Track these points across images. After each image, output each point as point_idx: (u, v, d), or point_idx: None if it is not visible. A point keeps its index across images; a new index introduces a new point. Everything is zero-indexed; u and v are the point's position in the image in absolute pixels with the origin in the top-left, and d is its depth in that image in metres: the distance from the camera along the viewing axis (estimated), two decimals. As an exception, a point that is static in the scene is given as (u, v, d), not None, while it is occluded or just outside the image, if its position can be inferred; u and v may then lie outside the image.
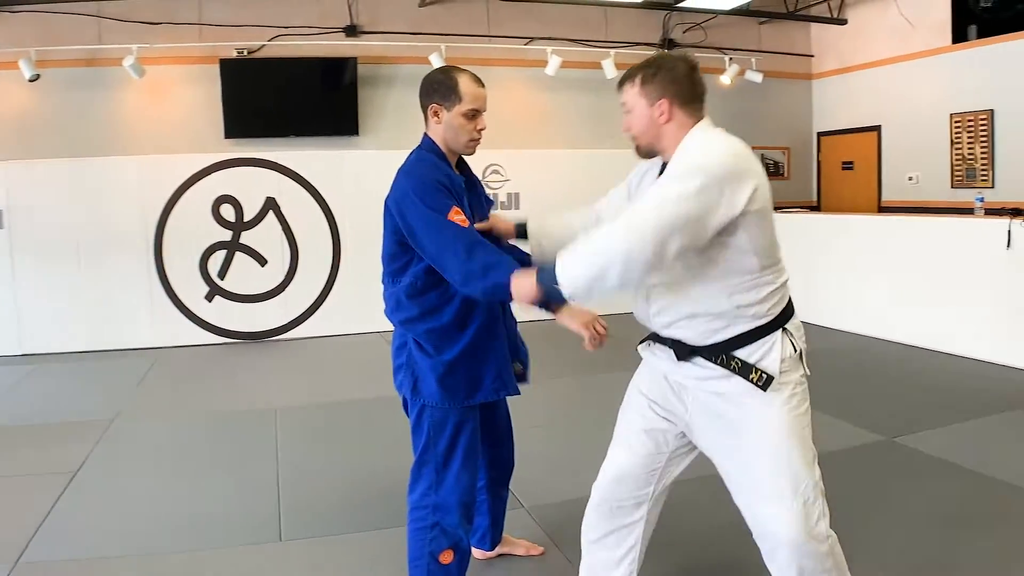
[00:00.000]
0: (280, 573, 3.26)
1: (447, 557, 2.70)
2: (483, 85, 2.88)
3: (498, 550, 3.31)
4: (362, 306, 8.41)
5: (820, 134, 10.97)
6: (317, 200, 8.32)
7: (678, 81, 2.40)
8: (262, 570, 3.29)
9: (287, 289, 8.33)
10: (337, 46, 8.37)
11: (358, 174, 8.40)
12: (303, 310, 8.39)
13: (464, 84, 2.82)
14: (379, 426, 5.21)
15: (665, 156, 2.42)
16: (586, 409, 5.51)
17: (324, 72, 8.33)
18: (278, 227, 8.23)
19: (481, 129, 2.87)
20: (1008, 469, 4.25)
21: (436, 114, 2.82)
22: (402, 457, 4.58)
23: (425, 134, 2.89)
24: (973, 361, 6.82)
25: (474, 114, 2.82)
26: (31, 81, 7.54)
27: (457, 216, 2.58)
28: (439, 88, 2.82)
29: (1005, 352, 6.66)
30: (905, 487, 4.10)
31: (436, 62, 8.27)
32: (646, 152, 2.50)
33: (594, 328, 2.60)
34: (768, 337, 2.31)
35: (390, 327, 2.96)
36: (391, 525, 3.63)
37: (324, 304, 8.46)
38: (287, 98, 8.24)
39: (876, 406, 5.56)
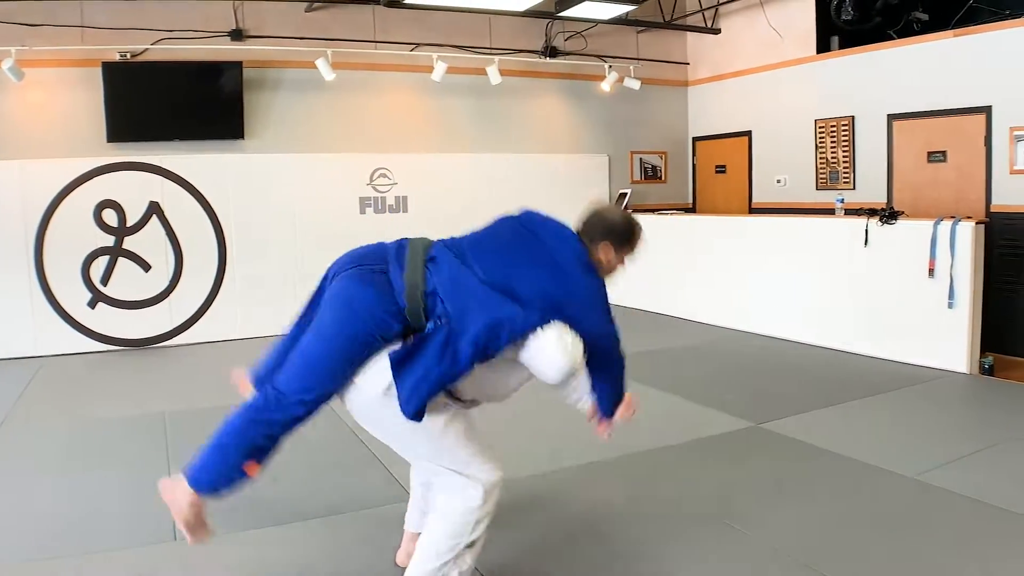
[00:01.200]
0: (178, 571, 3.31)
1: None
2: None
3: None
4: (249, 311, 8.41)
5: (695, 139, 11.43)
6: (202, 204, 8.26)
7: None
8: (159, 569, 3.33)
9: (172, 295, 8.23)
10: (222, 50, 8.32)
11: (243, 178, 8.40)
12: (189, 315, 8.30)
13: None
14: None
15: None
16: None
17: (209, 76, 8.26)
18: (162, 232, 8.13)
19: None
20: (863, 449, 4.64)
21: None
22: (289, 457, 4.71)
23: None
24: (835, 352, 7.30)
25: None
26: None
27: None
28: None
29: (864, 343, 7.16)
30: (770, 467, 4.43)
31: (322, 67, 8.35)
32: None
33: None
34: None
35: (278, 331, 3.06)
36: (289, 521, 3.75)
37: (210, 309, 8.38)
38: (171, 102, 8.14)
39: (746, 395, 5.92)
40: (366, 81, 9.04)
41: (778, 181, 9.94)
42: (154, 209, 8.11)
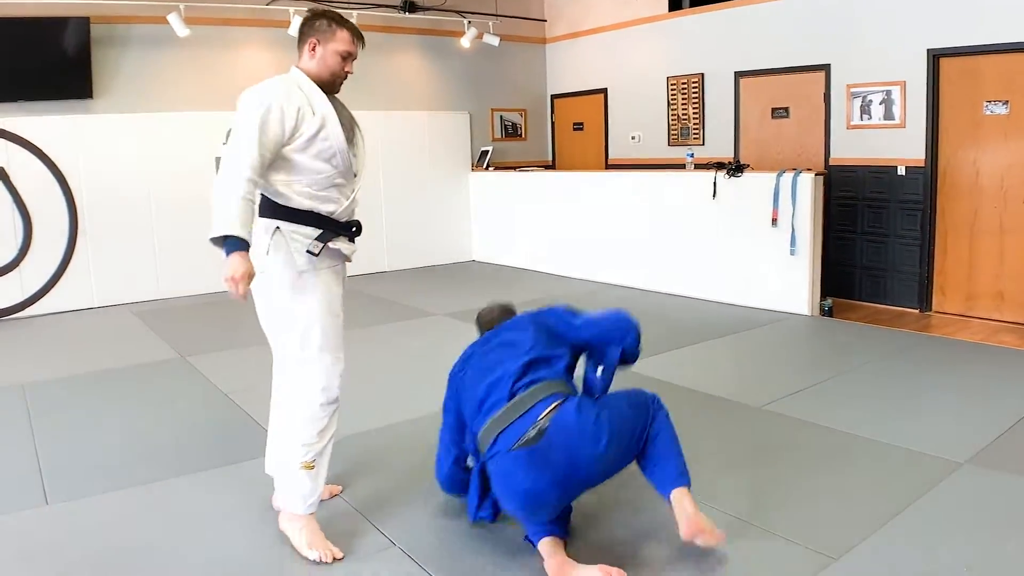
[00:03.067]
0: (51, 534, 3.22)
1: None
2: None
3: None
4: (104, 277, 8.09)
5: (553, 96, 11.60)
6: (50, 168, 7.79)
7: None
8: (31, 534, 3.23)
9: (22, 264, 7.75)
10: (68, 5, 7.87)
11: (93, 139, 7.98)
12: (41, 285, 7.84)
13: None
14: (133, 392, 5.19)
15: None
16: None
17: (54, 32, 7.72)
18: (8, 199, 7.64)
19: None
20: (714, 384, 4.92)
21: None
22: (164, 415, 4.68)
23: None
24: (687, 299, 7.66)
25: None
26: None
27: None
28: None
29: (714, 289, 7.54)
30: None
31: (175, 22, 8.05)
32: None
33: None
34: None
35: (136, 298, 3.04)
36: (155, 479, 3.72)
37: (63, 278, 7.94)
38: (12, 60, 7.58)
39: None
40: (221, 37, 8.78)
41: (633, 138, 10.22)
42: (1, 175, 7.67)
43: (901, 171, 7.23)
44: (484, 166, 10.64)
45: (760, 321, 6.71)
